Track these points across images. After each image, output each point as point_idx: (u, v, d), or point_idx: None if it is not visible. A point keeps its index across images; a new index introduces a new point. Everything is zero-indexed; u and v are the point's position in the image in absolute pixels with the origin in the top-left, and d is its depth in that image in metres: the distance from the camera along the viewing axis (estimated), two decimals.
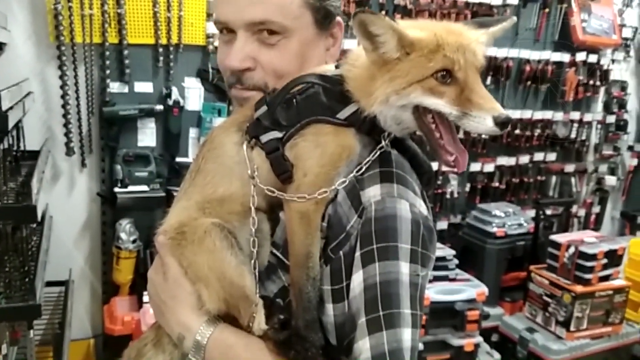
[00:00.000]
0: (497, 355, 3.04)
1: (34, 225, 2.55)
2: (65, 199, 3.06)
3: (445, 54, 0.81)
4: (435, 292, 2.74)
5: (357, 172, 0.89)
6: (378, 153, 0.90)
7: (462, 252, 3.57)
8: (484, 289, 2.84)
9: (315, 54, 1.01)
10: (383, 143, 0.90)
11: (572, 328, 3.05)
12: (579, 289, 3.03)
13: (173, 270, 0.95)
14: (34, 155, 2.59)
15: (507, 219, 3.51)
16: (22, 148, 2.75)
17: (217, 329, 0.91)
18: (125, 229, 2.99)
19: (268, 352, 0.88)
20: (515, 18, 0.95)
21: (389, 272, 0.83)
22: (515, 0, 3.60)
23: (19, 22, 2.77)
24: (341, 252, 0.88)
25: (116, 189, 2.96)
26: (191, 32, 3.02)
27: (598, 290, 3.07)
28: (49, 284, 2.90)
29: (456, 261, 2.94)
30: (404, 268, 0.84)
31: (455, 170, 0.88)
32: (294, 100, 0.90)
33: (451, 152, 0.84)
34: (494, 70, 3.76)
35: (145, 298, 2.82)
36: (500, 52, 3.69)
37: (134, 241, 3.00)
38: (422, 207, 0.90)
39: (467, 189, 3.95)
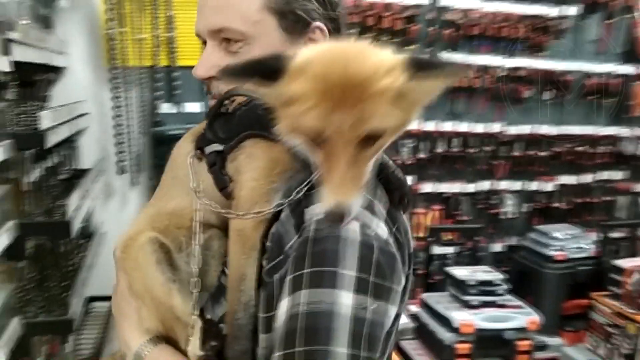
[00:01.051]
0: None
1: (83, 242, 2.66)
2: (118, 216, 3.17)
3: (313, 117, 0.66)
4: (481, 319, 2.58)
5: (296, 193, 0.80)
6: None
7: (519, 277, 3.38)
8: (536, 317, 2.64)
9: None
10: None
11: None
12: None
13: (121, 285, 0.93)
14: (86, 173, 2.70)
15: (568, 242, 3.28)
16: (77, 167, 2.89)
17: (155, 350, 0.87)
18: None
19: None
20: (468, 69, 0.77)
21: (320, 301, 0.70)
22: (574, 10, 3.42)
23: (77, 47, 2.93)
24: (276, 276, 0.78)
25: None
26: None
27: None
28: (101, 298, 3.01)
29: (505, 286, 2.76)
30: (345, 299, 0.71)
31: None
32: (236, 113, 0.85)
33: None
34: (553, 84, 3.59)
35: None
36: (560, 66, 3.51)
37: None
38: (381, 229, 0.78)
39: (525, 209, 3.76)
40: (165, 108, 3.08)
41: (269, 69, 0.69)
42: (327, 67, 0.67)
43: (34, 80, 2.42)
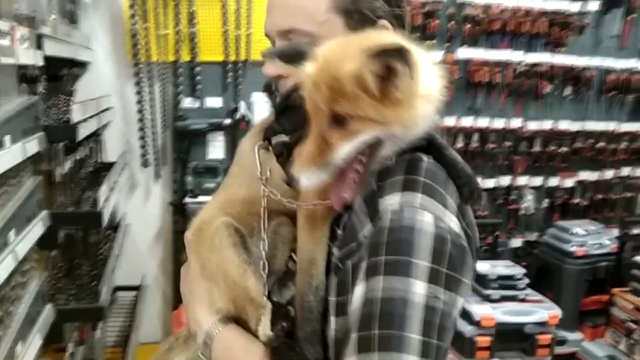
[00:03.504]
0: None
1: (108, 232, 2.72)
2: (141, 208, 3.23)
3: (306, 94, 0.75)
4: (502, 313, 2.59)
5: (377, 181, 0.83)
6: (393, 164, 0.83)
7: (539, 273, 3.38)
8: (557, 312, 2.65)
9: None
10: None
11: None
12: None
13: (193, 267, 0.97)
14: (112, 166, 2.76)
15: (588, 238, 3.27)
16: (102, 160, 2.95)
17: (225, 329, 0.91)
18: None
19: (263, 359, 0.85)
20: None
21: (396, 288, 0.73)
22: (595, 5, 3.40)
23: (101, 42, 2.99)
24: (349, 262, 0.81)
25: (187, 199, 3.08)
26: (259, 48, 3.11)
27: None
28: (125, 288, 3.07)
29: (526, 280, 2.77)
30: (418, 288, 0.73)
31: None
32: (302, 106, 0.87)
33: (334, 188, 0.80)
34: (574, 80, 3.57)
35: None
36: (581, 61, 3.49)
37: None
38: (453, 223, 0.79)
39: (545, 205, 3.75)
40: (187, 103, 3.13)
41: (299, 54, 0.79)
42: (324, 54, 0.77)
43: (62, 74, 2.47)
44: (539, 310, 2.64)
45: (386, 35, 0.79)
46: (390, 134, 0.76)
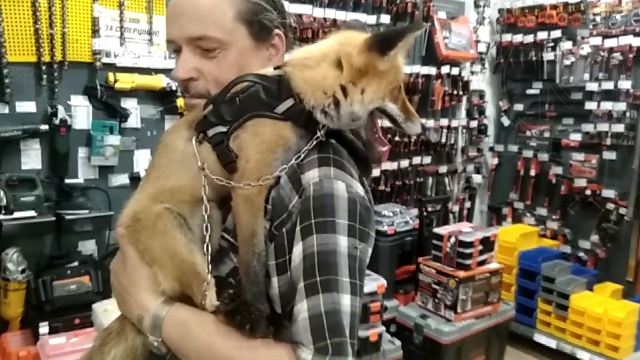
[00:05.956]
0: (397, 342, 3.27)
1: None
2: None
3: (403, 71, 0.99)
4: None
5: (296, 159, 0.98)
6: (315, 142, 1.00)
7: None
8: (383, 282, 3.06)
9: (254, 63, 1.09)
10: (319, 133, 0.99)
11: (458, 310, 3.38)
12: (462, 274, 3.38)
13: (131, 257, 1.01)
14: None
15: (396, 218, 3.80)
16: None
17: (173, 307, 0.99)
18: (13, 259, 2.80)
19: (218, 324, 0.95)
20: (424, 24, 1.08)
21: (327, 243, 0.90)
22: (387, 19, 3.96)
23: None
24: (284, 229, 0.96)
25: (0, 217, 2.76)
26: (76, 48, 2.93)
27: (477, 273, 3.44)
28: None
29: None
30: (342, 241, 0.91)
31: (381, 161, 1.03)
32: (237, 98, 0.99)
33: (385, 143, 1.03)
34: None
35: (42, 329, 2.67)
36: None
37: (23, 271, 2.81)
38: (359, 189, 0.99)
39: None
40: None
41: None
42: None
43: None
44: (368, 282, 3.01)
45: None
46: None
